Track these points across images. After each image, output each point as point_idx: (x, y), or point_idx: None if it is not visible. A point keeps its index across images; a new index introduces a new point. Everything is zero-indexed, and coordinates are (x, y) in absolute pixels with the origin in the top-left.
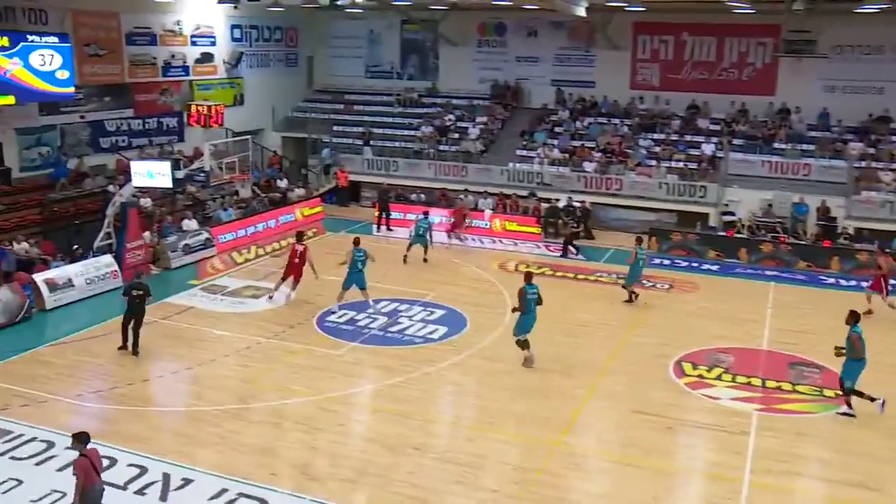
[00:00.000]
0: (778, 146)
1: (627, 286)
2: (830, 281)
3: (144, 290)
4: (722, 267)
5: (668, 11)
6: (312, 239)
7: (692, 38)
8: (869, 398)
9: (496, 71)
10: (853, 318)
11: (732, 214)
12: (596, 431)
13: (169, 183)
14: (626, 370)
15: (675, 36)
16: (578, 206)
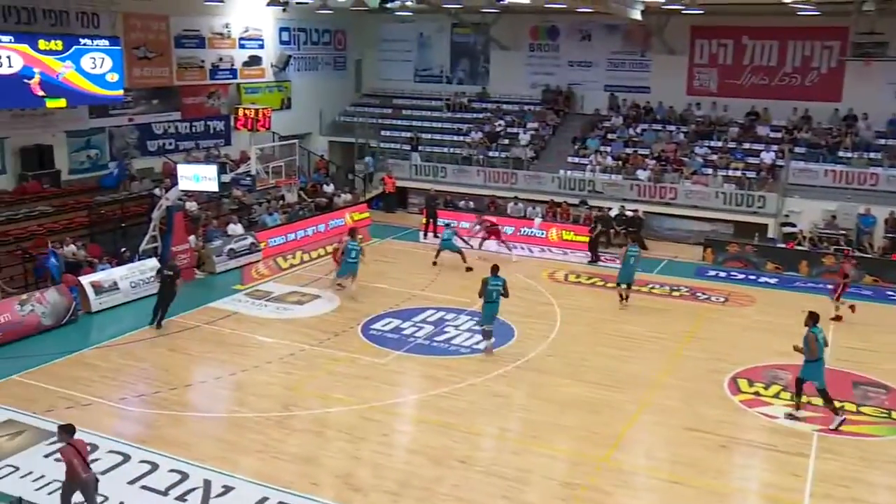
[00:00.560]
0: (843, 154)
1: (618, 287)
2: None
3: (175, 272)
4: (781, 280)
5: (727, 14)
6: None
7: (752, 41)
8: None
9: (548, 75)
10: (812, 319)
11: (793, 226)
12: (646, 448)
13: (215, 187)
14: (678, 385)
15: (734, 40)
16: (631, 214)
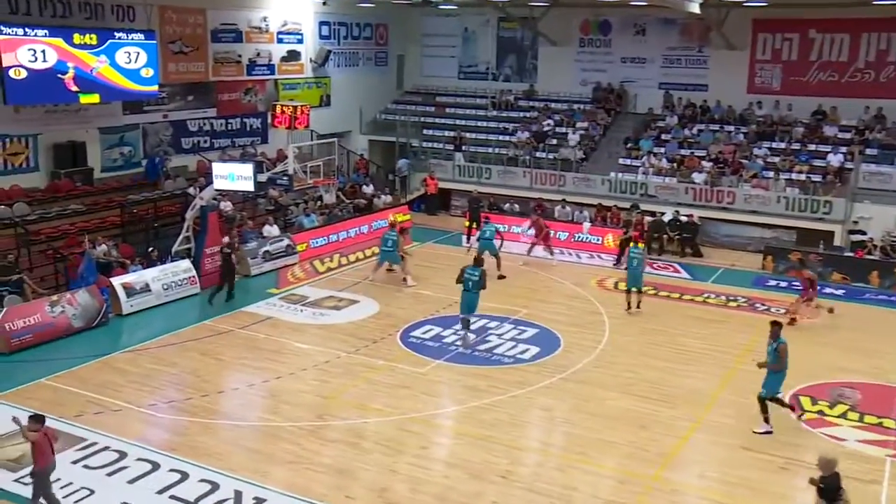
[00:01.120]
0: None
1: (628, 293)
2: None
3: (232, 248)
4: (848, 291)
5: (792, 6)
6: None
7: (821, 35)
8: (789, 406)
9: (599, 72)
10: (777, 328)
11: (863, 233)
12: (699, 468)
13: (251, 186)
14: (735, 402)
15: (800, 33)
16: (685, 220)
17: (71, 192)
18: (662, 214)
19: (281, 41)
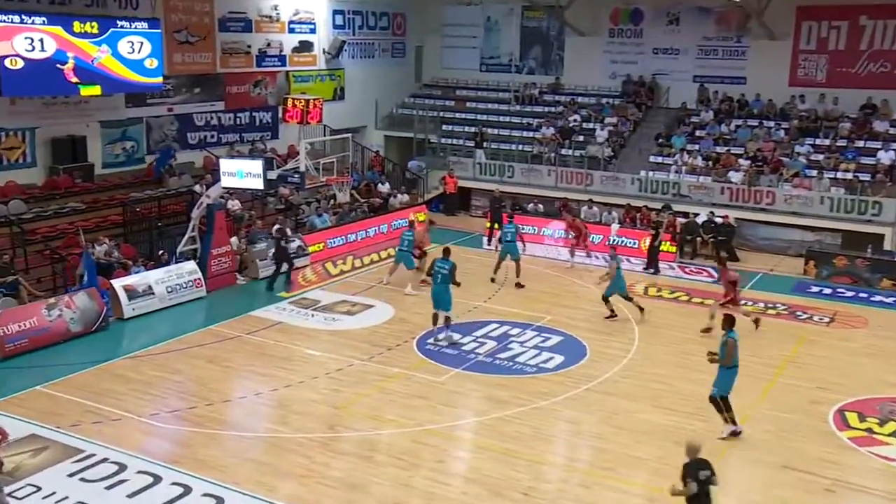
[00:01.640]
0: None
1: (607, 302)
2: None
3: (283, 235)
4: None
5: None
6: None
7: (872, 21)
8: (731, 419)
9: (629, 65)
10: (728, 323)
11: None
12: (736, 488)
13: (260, 184)
14: (774, 416)
15: (849, 21)
16: (720, 221)
17: (70, 189)
18: (696, 216)
19: (292, 31)
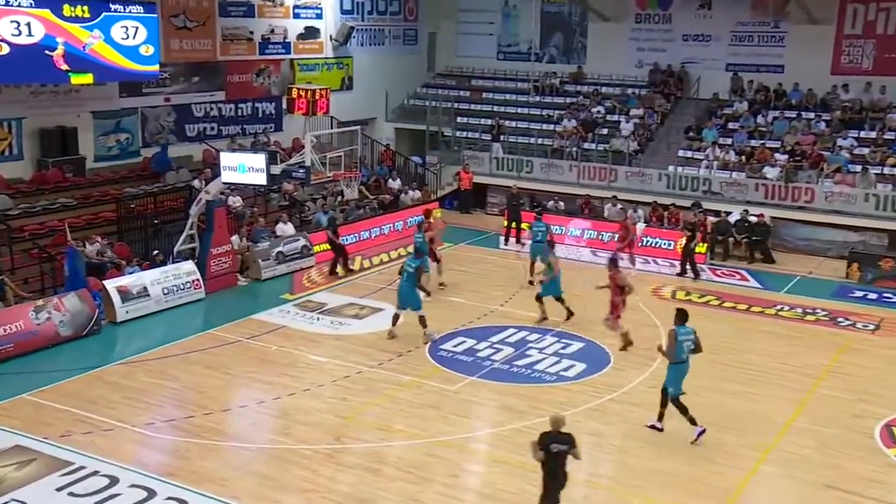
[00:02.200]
0: None
1: (541, 302)
2: None
3: (331, 223)
4: None
5: None
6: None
7: None
8: (690, 420)
9: (657, 52)
10: (680, 318)
11: None
12: None
13: (263, 179)
14: (812, 430)
15: None
16: (755, 220)
17: (60, 183)
18: (728, 214)
19: (298, 16)
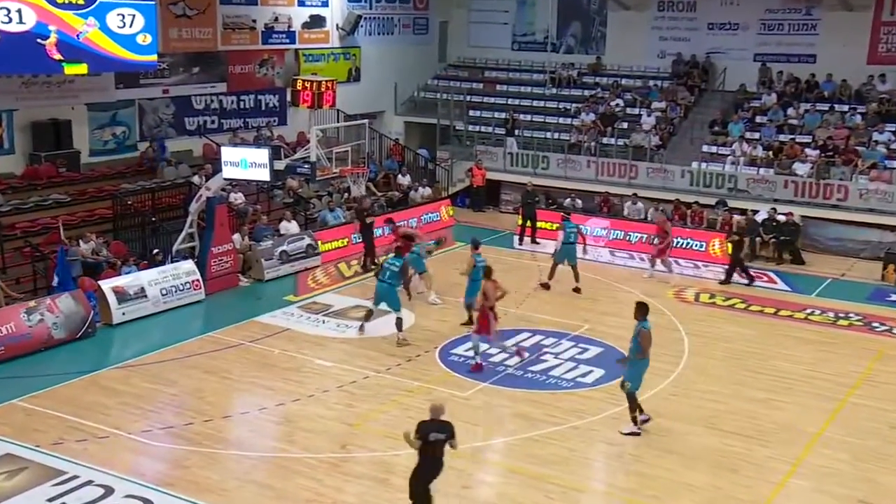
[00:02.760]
0: None
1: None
2: None
3: (359, 213)
4: None
5: None
6: (439, 250)
7: None
8: (640, 418)
9: (681, 42)
10: (641, 311)
11: None
12: None
13: (266, 175)
14: (845, 442)
15: None
16: (783, 219)
17: (53, 179)
18: (755, 213)
19: (303, 4)
